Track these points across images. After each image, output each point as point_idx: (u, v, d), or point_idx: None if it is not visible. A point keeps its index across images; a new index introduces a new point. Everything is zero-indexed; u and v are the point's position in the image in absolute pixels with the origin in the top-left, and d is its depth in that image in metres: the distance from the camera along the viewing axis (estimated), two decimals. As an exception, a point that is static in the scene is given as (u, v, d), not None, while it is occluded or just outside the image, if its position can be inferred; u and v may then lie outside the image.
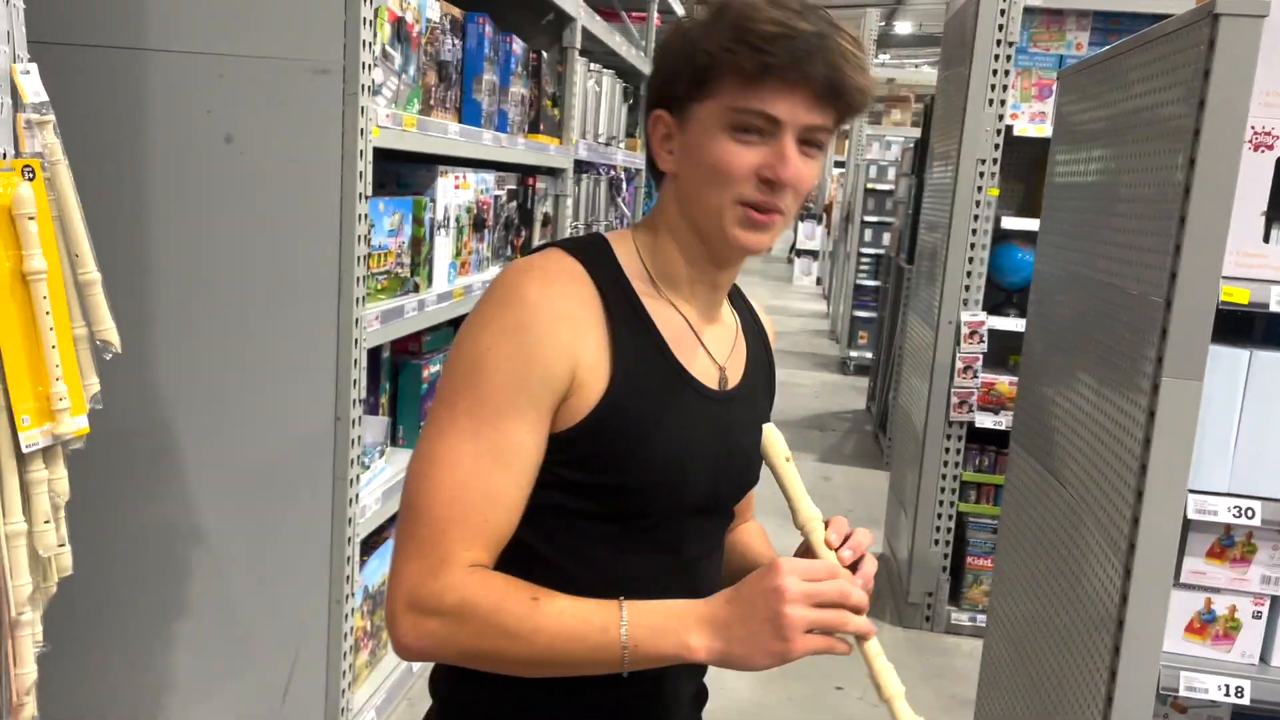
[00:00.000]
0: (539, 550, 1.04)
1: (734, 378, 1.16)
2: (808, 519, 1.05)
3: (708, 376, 1.12)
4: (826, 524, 1.05)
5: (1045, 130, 3.54)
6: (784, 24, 0.98)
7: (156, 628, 2.27)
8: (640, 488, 1.05)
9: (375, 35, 2.18)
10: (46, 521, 1.19)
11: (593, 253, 1.09)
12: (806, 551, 1.05)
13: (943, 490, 3.81)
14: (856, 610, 0.97)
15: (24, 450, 1.15)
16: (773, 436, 1.09)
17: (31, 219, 1.13)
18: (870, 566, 1.03)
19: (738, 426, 1.13)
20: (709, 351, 1.13)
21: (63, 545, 1.24)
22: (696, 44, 1.01)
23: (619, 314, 1.05)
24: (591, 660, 0.96)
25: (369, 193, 2.19)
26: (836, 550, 1.03)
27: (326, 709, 2.30)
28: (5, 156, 1.14)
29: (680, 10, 6.89)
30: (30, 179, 1.14)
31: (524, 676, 0.98)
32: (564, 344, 1.01)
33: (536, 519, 1.04)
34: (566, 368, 1.01)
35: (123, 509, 2.23)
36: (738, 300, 1.26)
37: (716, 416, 1.11)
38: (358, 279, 2.18)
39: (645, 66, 5.60)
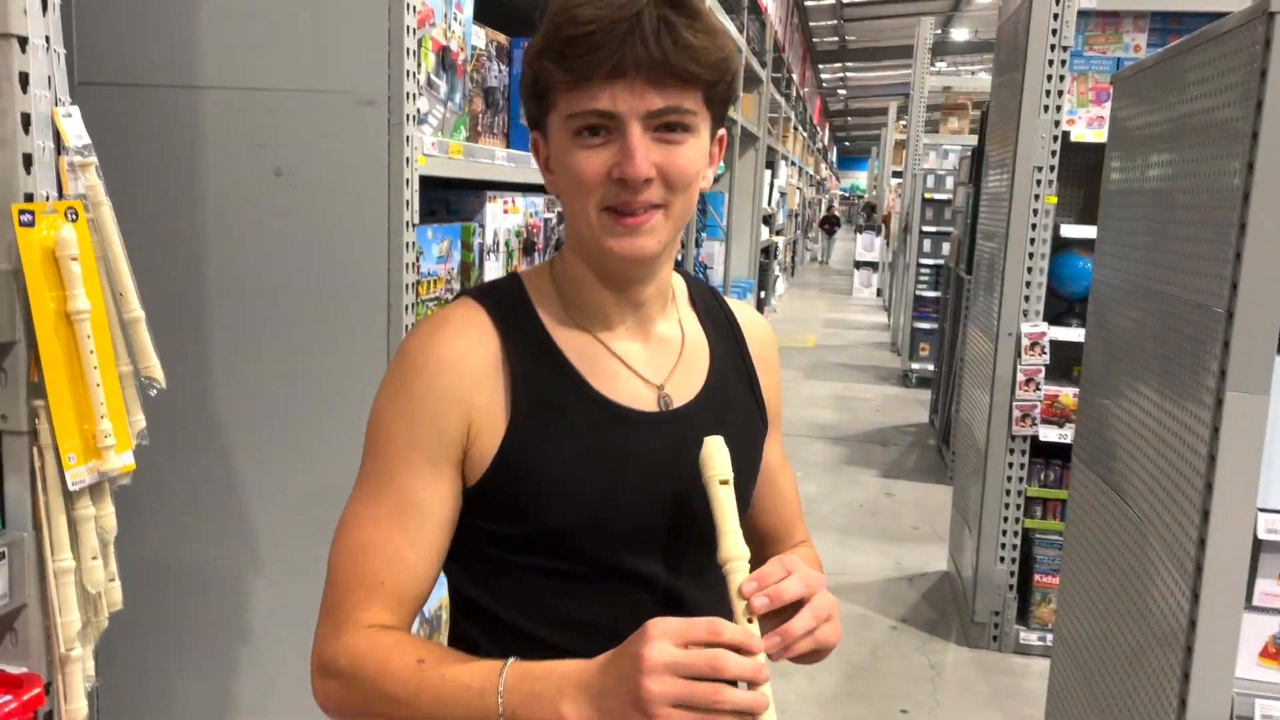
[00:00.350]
0: (490, 608, 1.02)
1: (682, 395, 1.07)
2: (730, 557, 0.93)
3: (639, 400, 1.05)
4: (754, 565, 0.93)
5: (1103, 135, 3.45)
6: (585, 19, 0.93)
7: (215, 656, 2.30)
8: (564, 530, 0.99)
9: (419, 65, 2.20)
10: (95, 557, 1.20)
11: (499, 294, 1.06)
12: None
13: (1007, 506, 3.72)
14: (749, 681, 0.85)
15: (71, 488, 1.17)
16: (712, 451, 0.97)
17: (75, 260, 1.15)
18: (802, 622, 0.90)
19: (697, 446, 1.02)
20: (639, 374, 1.06)
21: (112, 580, 1.25)
22: (527, 59, 1.00)
23: (521, 354, 1.02)
24: None
25: (416, 220, 2.21)
26: (748, 599, 0.90)
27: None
28: (49, 199, 1.17)
29: (730, 27, 6.87)
30: (73, 220, 1.16)
31: None
32: (451, 394, 0.99)
33: (481, 574, 1.02)
34: (458, 417, 0.99)
35: (180, 541, 2.27)
36: (708, 309, 1.16)
37: (655, 440, 1.03)
38: (407, 306, 2.19)
39: (695, 84, 5.59)
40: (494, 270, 2.83)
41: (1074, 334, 3.61)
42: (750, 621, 0.90)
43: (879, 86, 27.28)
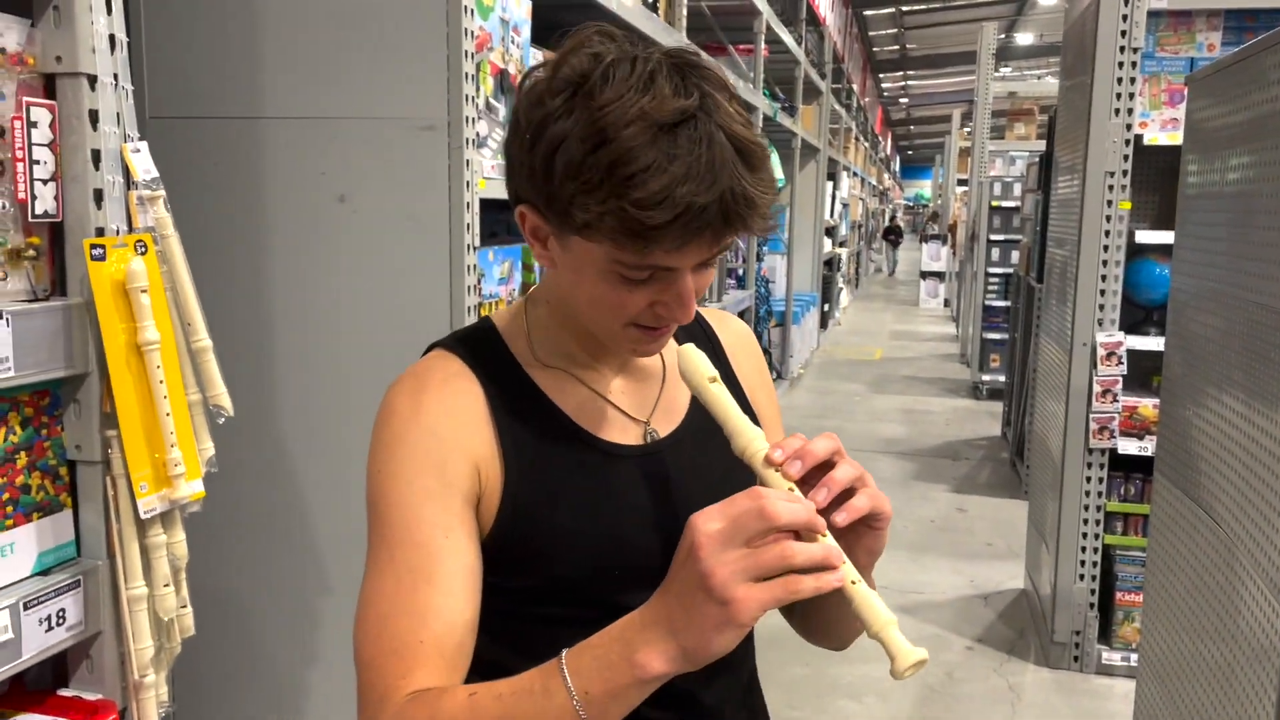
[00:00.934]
0: (502, 661, 0.92)
1: (667, 425, 1.03)
2: (747, 444, 0.87)
3: (627, 436, 1.01)
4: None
5: (1178, 138, 3.35)
6: (673, 200, 0.81)
7: (286, 680, 2.32)
8: (575, 578, 0.95)
9: (478, 89, 2.21)
10: (167, 585, 1.22)
11: (473, 343, 1.01)
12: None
13: (1085, 521, 3.61)
14: (809, 530, 0.79)
15: (143, 516, 1.19)
16: (689, 359, 0.92)
17: (144, 292, 1.17)
18: (846, 471, 0.84)
19: (690, 475, 1.00)
20: (622, 410, 1.02)
21: (184, 607, 1.27)
22: (564, 186, 0.85)
23: (506, 402, 0.97)
24: None
25: (477, 243, 2.22)
26: (779, 466, 0.84)
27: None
28: (119, 233, 1.19)
29: (788, 39, 6.84)
30: (143, 253, 1.18)
31: None
32: (452, 442, 0.93)
33: (500, 633, 0.95)
34: (465, 463, 0.93)
35: (250, 568, 2.30)
36: (684, 326, 1.08)
37: (649, 475, 0.99)
38: (469, 329, 2.21)
39: (754, 99, 5.57)
40: (556, 290, 2.83)
41: (1153, 343, 3.50)
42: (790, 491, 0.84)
43: (941, 94, 26.97)
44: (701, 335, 1.12)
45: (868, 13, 17.63)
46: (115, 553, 1.19)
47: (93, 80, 1.15)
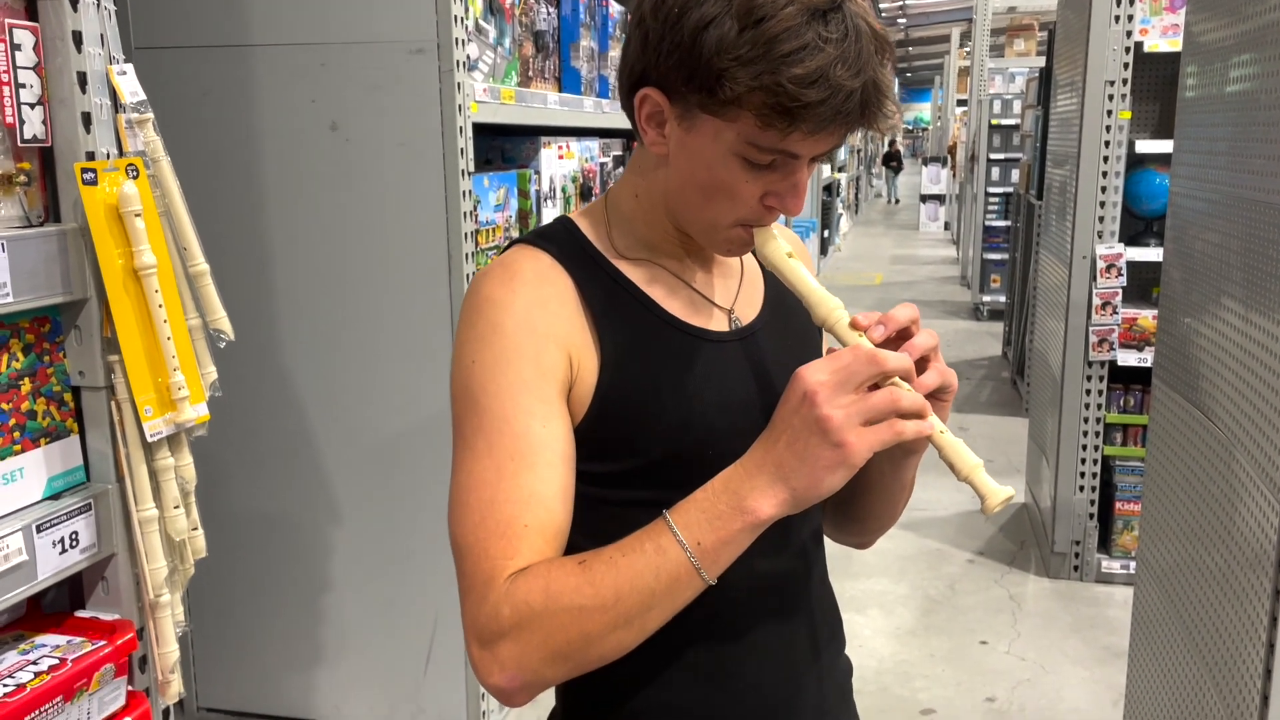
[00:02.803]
0: (584, 548, 0.93)
1: (747, 315, 1.08)
2: (829, 311, 0.92)
3: (714, 322, 1.04)
4: None
5: (1179, 44, 3.30)
6: (827, 79, 0.85)
7: (300, 603, 2.36)
8: (670, 459, 0.97)
9: (467, 10, 2.18)
10: (176, 507, 1.23)
11: (556, 236, 1.02)
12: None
13: (1085, 434, 3.64)
14: (909, 378, 0.85)
15: (149, 439, 1.20)
16: (768, 233, 0.97)
17: (138, 215, 1.17)
18: (924, 339, 0.90)
19: (773, 360, 1.05)
20: (708, 298, 1.06)
21: (195, 529, 1.29)
22: (715, 60, 0.87)
23: (595, 290, 0.98)
24: (670, 588, 0.85)
25: (471, 169, 2.21)
26: (865, 330, 0.90)
27: (467, 675, 2.36)
28: (109, 156, 1.18)
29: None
30: (134, 177, 1.18)
31: (627, 648, 0.89)
32: (546, 330, 0.94)
33: (588, 523, 0.96)
34: (559, 352, 0.95)
35: (260, 492, 2.33)
36: None
37: (737, 359, 1.03)
38: (466, 255, 2.20)
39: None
40: (552, 216, 2.82)
41: (1152, 254, 3.49)
42: None
43: (940, 12, 26.45)
44: None
45: (863, -70, 17.19)
46: (124, 476, 1.20)
47: (74, 1, 1.13)
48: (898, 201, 23.66)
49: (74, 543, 1.17)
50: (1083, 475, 3.66)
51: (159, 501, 1.22)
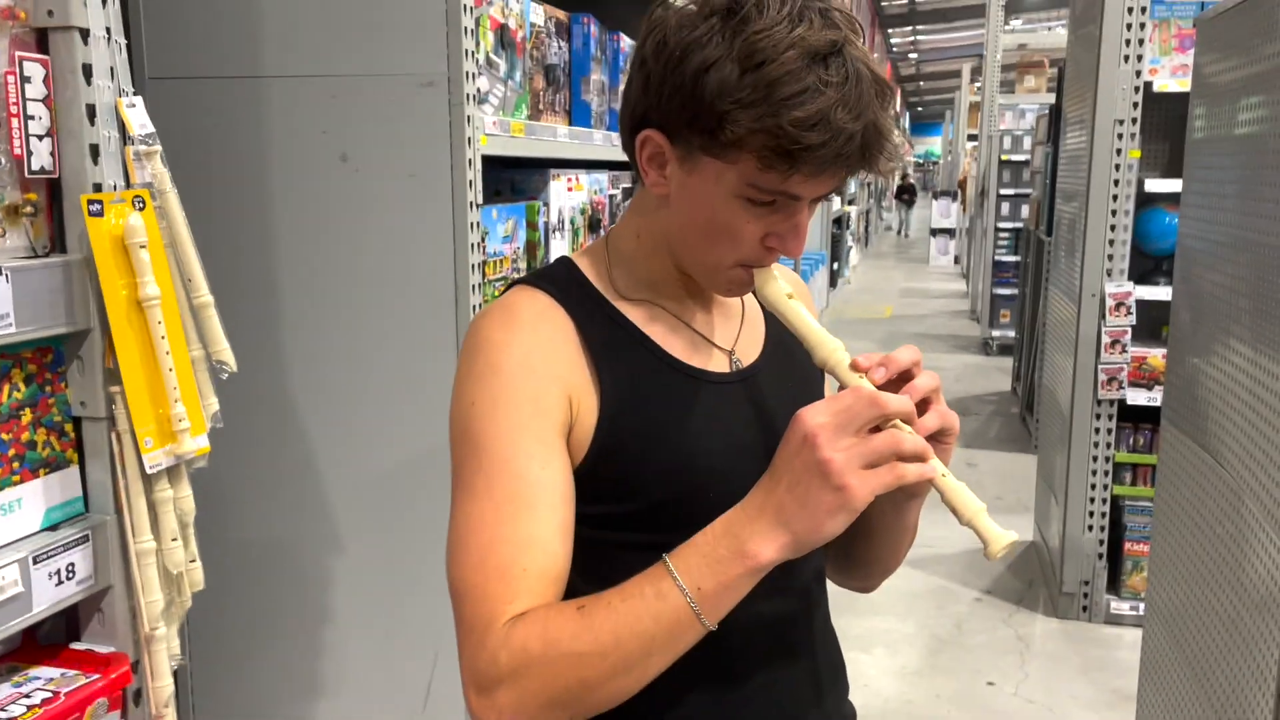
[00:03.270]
0: (584, 592, 0.92)
1: (748, 356, 1.07)
2: (830, 353, 0.92)
3: (714, 363, 1.04)
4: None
5: (1188, 85, 3.31)
6: (828, 122, 0.85)
7: (299, 635, 2.35)
8: (671, 501, 0.96)
9: (478, 44, 2.19)
10: (174, 539, 1.23)
11: (556, 276, 1.02)
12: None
13: (1094, 473, 3.61)
14: (909, 421, 0.85)
15: (149, 471, 1.19)
16: (768, 274, 0.97)
17: (143, 247, 1.17)
18: (925, 380, 0.89)
19: (774, 401, 1.04)
20: (708, 339, 1.05)
21: (193, 561, 1.28)
22: (717, 102, 0.87)
23: (595, 330, 0.98)
24: (671, 634, 0.84)
25: (480, 200, 2.21)
26: (865, 372, 0.89)
27: (466, 711, 2.33)
28: (116, 188, 1.19)
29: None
30: (140, 208, 1.18)
31: (626, 695, 0.88)
32: (545, 371, 0.94)
33: (587, 566, 0.94)
34: (558, 393, 0.94)
35: (261, 523, 2.32)
36: None
37: (738, 401, 1.03)
38: (473, 286, 2.20)
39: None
40: (560, 248, 2.82)
41: (1161, 292, 3.48)
42: None
43: (951, 48, 26.63)
44: None
45: (875, -34, 17.37)
46: (122, 507, 1.20)
47: (85, 34, 1.14)
48: (908, 235, 23.66)
49: (70, 574, 1.16)
50: (1091, 514, 3.63)
51: (157, 533, 1.22)
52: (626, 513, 0.97)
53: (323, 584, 2.34)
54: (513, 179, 2.82)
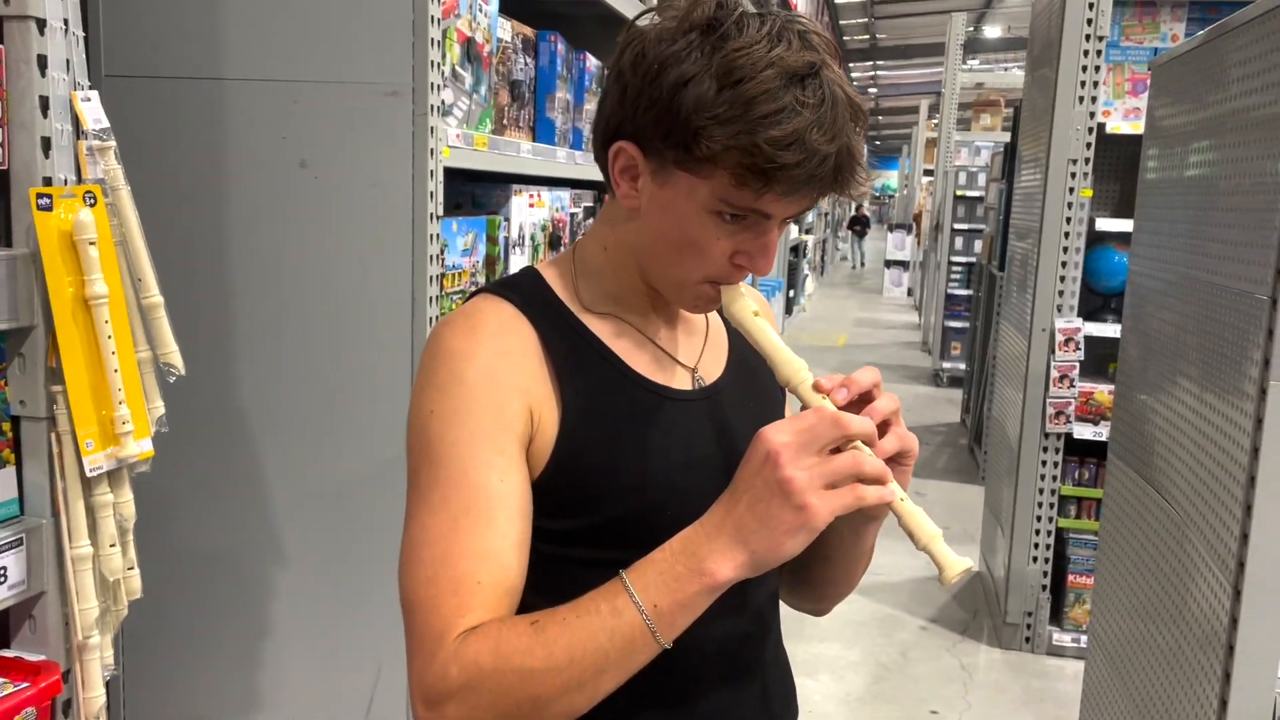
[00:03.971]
0: (536, 606, 0.91)
1: (710, 374, 1.07)
2: (794, 372, 0.92)
3: (677, 381, 1.03)
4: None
5: (1140, 127, 3.39)
6: (803, 143, 0.86)
7: (240, 647, 2.29)
8: (628, 518, 0.95)
9: (444, 56, 2.18)
10: (113, 545, 1.19)
11: (521, 286, 1.01)
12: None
13: (1040, 505, 3.66)
14: (870, 443, 0.85)
15: (88, 474, 1.16)
16: (735, 292, 0.97)
17: (93, 244, 1.14)
18: (886, 403, 0.90)
19: (735, 420, 1.04)
20: (672, 355, 1.05)
21: (131, 569, 1.24)
22: (693, 117, 0.87)
23: (558, 342, 0.97)
24: (625, 651, 0.83)
25: (440, 213, 2.19)
26: (828, 393, 0.89)
27: (407, 730, 2.29)
28: (67, 183, 1.16)
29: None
30: (92, 204, 1.15)
31: (577, 713, 0.86)
32: (508, 381, 0.93)
33: (543, 581, 0.93)
34: (520, 404, 0.93)
35: (202, 531, 2.27)
36: None
37: (700, 419, 1.03)
38: (431, 298, 2.18)
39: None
40: (519, 263, 2.81)
41: (1109, 329, 3.55)
42: None
43: (910, 84, 27.10)
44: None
45: (839, 1, 17.66)
46: (60, 511, 1.16)
47: (41, 24, 1.12)
48: (863, 266, 23.69)
49: (2, 579, 1.12)
50: (1036, 546, 3.67)
51: (94, 539, 1.18)
52: (583, 528, 0.96)
53: (264, 595, 2.29)
54: (474, 192, 2.80)
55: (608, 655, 0.83)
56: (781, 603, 1.17)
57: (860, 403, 0.90)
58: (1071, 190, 3.46)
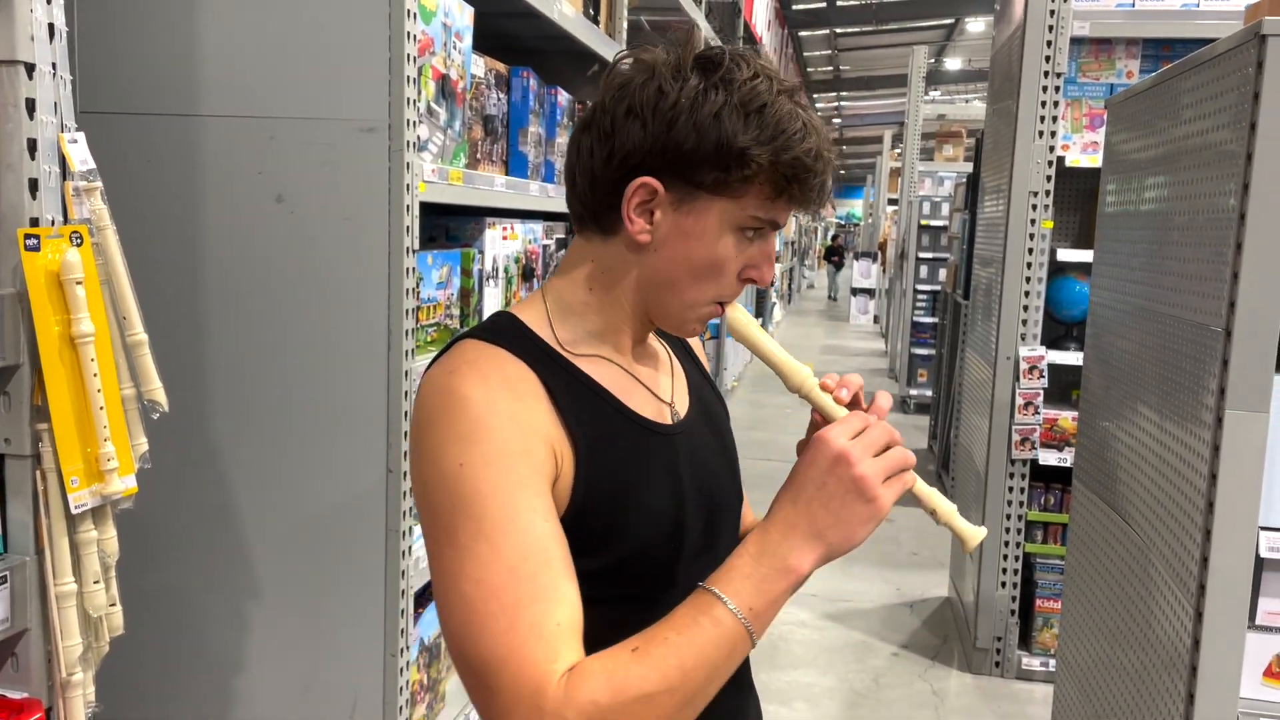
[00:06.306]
0: None
1: (681, 406, 1.13)
2: (804, 379, 1.03)
3: (660, 415, 1.08)
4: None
5: (1098, 160, 3.48)
6: (821, 154, 0.99)
7: (215, 682, 2.28)
8: (642, 554, 0.99)
9: (419, 93, 2.21)
10: (96, 582, 1.20)
11: (506, 332, 1.02)
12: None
13: (1007, 530, 3.71)
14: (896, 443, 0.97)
15: (73, 511, 1.17)
16: (738, 310, 1.07)
17: (79, 283, 1.15)
18: (884, 400, 1.01)
19: (706, 451, 1.11)
20: (654, 391, 1.09)
21: (114, 605, 1.25)
22: (736, 141, 0.95)
23: (558, 385, 0.99)
24: (729, 657, 0.89)
25: (416, 246, 2.22)
26: (833, 391, 1.01)
27: (383, 764, 2.28)
28: (54, 224, 1.17)
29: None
30: (78, 245, 1.17)
31: None
32: (530, 425, 0.94)
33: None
34: (544, 447, 0.94)
35: (177, 567, 2.26)
36: None
37: (683, 452, 1.07)
38: (407, 331, 2.20)
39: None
40: (493, 296, 2.84)
41: (1072, 357, 3.62)
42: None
43: (873, 115, 27.46)
44: (680, 347, 1.23)
45: (803, 34, 17.92)
46: (44, 548, 1.17)
47: (30, 68, 1.14)
48: (836, 298, 22.96)
49: (-15, 617, 1.12)
50: (1005, 572, 3.72)
51: (78, 575, 1.19)
52: (600, 567, 0.97)
53: (239, 631, 2.28)
54: (447, 225, 2.83)
55: (715, 664, 0.89)
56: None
57: (854, 402, 1.01)
58: (1033, 221, 3.54)
